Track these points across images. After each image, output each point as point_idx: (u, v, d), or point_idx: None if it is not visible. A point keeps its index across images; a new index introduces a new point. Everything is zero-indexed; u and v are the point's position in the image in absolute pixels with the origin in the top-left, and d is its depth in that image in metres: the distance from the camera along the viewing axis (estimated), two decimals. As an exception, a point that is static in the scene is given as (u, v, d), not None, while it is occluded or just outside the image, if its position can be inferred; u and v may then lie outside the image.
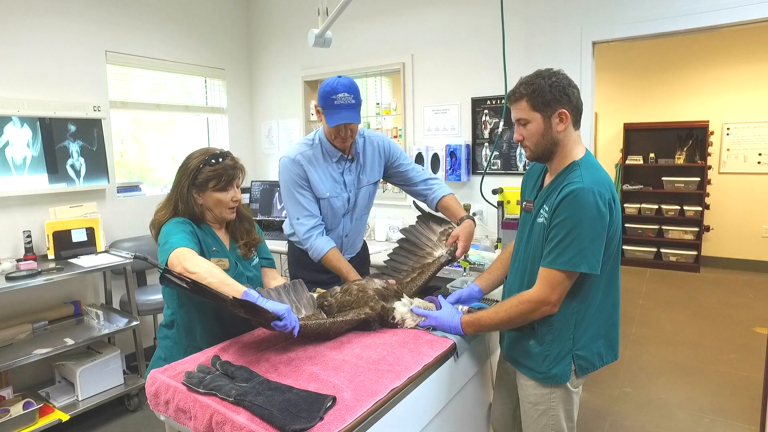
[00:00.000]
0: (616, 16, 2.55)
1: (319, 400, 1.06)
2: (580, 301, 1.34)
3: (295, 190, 1.88)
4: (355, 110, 1.78)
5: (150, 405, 1.24)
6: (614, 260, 1.36)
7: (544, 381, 1.39)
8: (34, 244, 2.75)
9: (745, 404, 2.70)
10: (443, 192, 2.00)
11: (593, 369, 1.39)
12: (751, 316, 4.02)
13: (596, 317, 1.36)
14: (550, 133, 1.34)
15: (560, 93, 1.31)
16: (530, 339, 1.40)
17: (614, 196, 1.30)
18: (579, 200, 1.24)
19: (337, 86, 1.75)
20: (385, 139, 2.04)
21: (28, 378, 2.76)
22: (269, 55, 4.00)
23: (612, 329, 1.41)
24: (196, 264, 1.34)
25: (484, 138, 3.05)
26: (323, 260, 1.87)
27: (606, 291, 1.37)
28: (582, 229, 1.24)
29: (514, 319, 1.36)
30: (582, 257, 1.25)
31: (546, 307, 1.31)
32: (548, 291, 1.30)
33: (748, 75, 5.18)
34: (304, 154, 1.89)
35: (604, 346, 1.39)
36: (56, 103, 2.85)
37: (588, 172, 1.30)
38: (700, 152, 5.45)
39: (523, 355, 1.43)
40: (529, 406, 1.44)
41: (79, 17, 2.99)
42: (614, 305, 1.41)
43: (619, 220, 1.33)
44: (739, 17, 2.25)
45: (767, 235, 5.17)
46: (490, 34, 2.90)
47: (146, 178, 3.65)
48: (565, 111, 1.32)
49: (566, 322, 1.35)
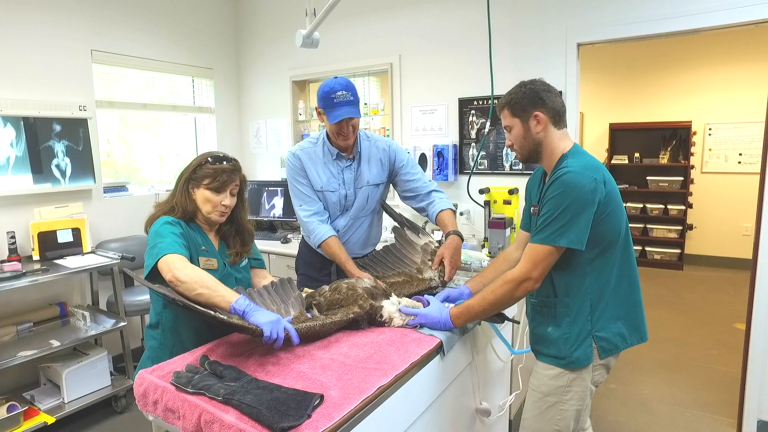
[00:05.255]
0: (600, 18, 2.59)
1: (307, 399, 1.07)
2: (594, 281, 1.38)
3: (295, 181, 1.99)
4: (355, 106, 1.85)
5: (138, 405, 1.24)
6: (624, 241, 1.41)
7: (567, 366, 1.41)
8: (19, 245, 2.72)
9: (724, 398, 2.77)
10: (443, 206, 1.99)
11: (617, 350, 1.43)
12: (732, 312, 4.11)
13: (613, 297, 1.41)
14: (530, 135, 1.45)
15: (534, 98, 1.43)
16: (548, 326, 1.45)
17: (605, 176, 1.36)
18: (565, 181, 1.32)
19: (335, 86, 1.83)
20: (392, 144, 2.07)
21: (13, 381, 2.72)
22: (257, 54, 3.99)
23: (633, 309, 1.45)
24: (186, 273, 1.33)
25: (471, 138, 3.08)
26: (323, 245, 1.92)
27: (620, 270, 1.42)
28: (565, 207, 1.31)
29: (500, 298, 1.39)
30: (561, 232, 1.31)
31: (528, 282, 1.35)
32: (530, 267, 1.35)
33: (729, 77, 5.29)
34: (305, 149, 2.00)
35: (625, 327, 1.44)
36: (41, 102, 2.82)
37: (575, 159, 1.38)
38: (684, 152, 5.56)
39: (545, 344, 1.47)
40: (538, 396, 1.46)
41: (65, 16, 2.96)
42: (632, 284, 1.45)
43: (617, 202, 1.38)
44: (721, 21, 2.30)
45: (748, 233, 5.28)
46: (476, 36, 2.93)
47: (133, 178, 3.62)
48: (539, 113, 1.43)
49: (582, 304, 1.39)
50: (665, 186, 5.60)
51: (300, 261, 2.20)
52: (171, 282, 1.34)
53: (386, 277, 1.83)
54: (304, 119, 3.81)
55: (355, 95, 1.86)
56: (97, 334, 2.70)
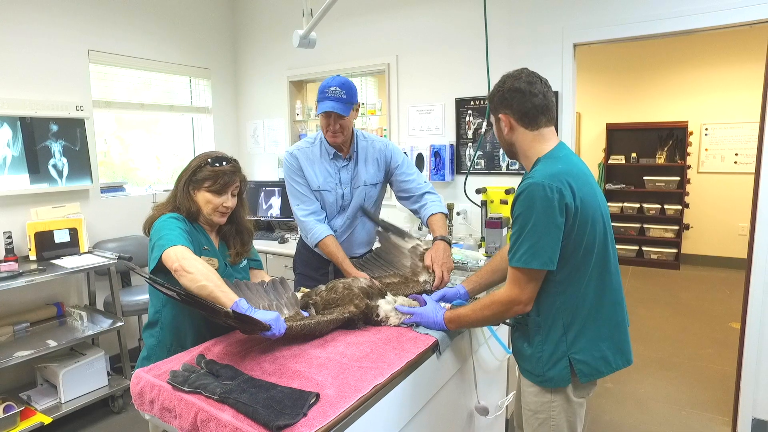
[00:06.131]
0: (596, 19, 2.60)
1: (302, 397, 1.07)
2: (566, 300, 1.29)
3: (293, 180, 2.00)
4: (343, 103, 1.86)
5: (135, 404, 1.24)
6: (602, 255, 1.30)
7: (543, 384, 1.34)
8: (15, 245, 2.72)
9: (719, 397, 2.78)
10: (434, 210, 1.99)
11: (599, 375, 1.31)
12: (728, 311, 4.13)
13: (593, 318, 1.30)
14: (502, 135, 1.41)
15: (501, 98, 1.37)
16: (523, 341, 1.39)
17: (572, 186, 1.24)
18: (529, 195, 1.24)
19: (331, 82, 1.88)
20: (389, 145, 2.09)
21: (9, 381, 2.72)
22: (254, 55, 3.99)
23: (616, 330, 1.33)
24: (193, 265, 1.33)
25: (467, 138, 3.09)
26: (320, 245, 1.93)
27: (600, 288, 1.30)
28: (532, 225, 1.22)
29: (489, 317, 1.36)
30: (533, 253, 1.22)
31: (518, 306, 1.29)
32: (517, 291, 1.28)
33: (725, 77, 5.31)
34: (302, 149, 2.01)
35: (610, 350, 1.31)
36: (38, 102, 2.82)
37: (544, 166, 1.29)
38: (680, 152, 5.58)
39: (520, 357, 1.42)
40: (529, 414, 1.40)
41: (62, 15, 2.95)
42: (615, 304, 1.33)
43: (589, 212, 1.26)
44: (716, 22, 2.31)
45: (743, 233, 5.30)
46: (473, 36, 2.94)
47: (130, 178, 3.62)
48: (502, 116, 1.37)
49: (553, 323, 1.30)
50: (662, 186, 5.62)
51: (298, 260, 2.21)
52: (176, 271, 1.33)
53: (382, 277, 1.83)
54: (301, 119, 3.81)
55: (349, 95, 1.87)
56: (94, 334, 2.70)
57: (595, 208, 1.29)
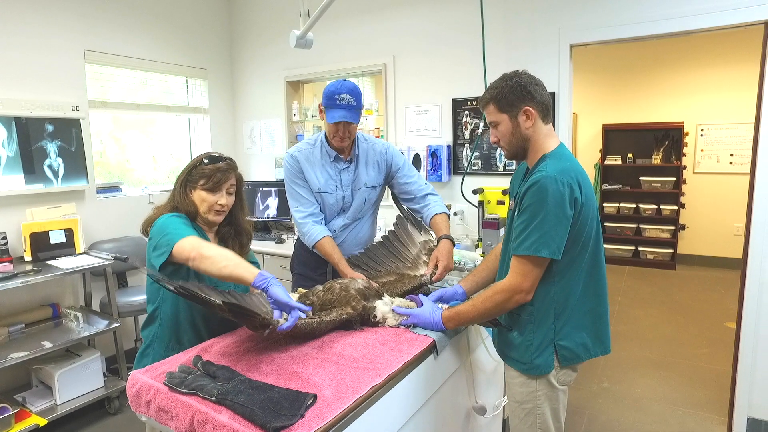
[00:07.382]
0: (592, 19, 2.61)
1: (300, 398, 1.07)
2: (560, 291, 1.35)
3: (292, 182, 2.00)
4: (355, 111, 1.87)
5: (131, 406, 1.24)
6: (594, 250, 1.38)
7: (529, 372, 1.39)
8: (10, 245, 2.70)
9: (715, 396, 2.79)
10: (437, 210, 2.01)
11: (578, 360, 1.40)
12: (723, 311, 4.15)
13: (579, 307, 1.38)
14: (519, 131, 1.40)
15: (522, 92, 1.37)
16: (513, 330, 1.43)
17: (580, 182, 1.32)
18: (541, 188, 1.28)
19: (341, 88, 1.86)
20: (389, 147, 2.09)
21: (4, 383, 2.70)
22: (251, 55, 3.99)
23: (599, 320, 1.41)
24: (210, 248, 1.37)
25: (464, 138, 3.09)
26: (317, 246, 1.93)
27: (588, 280, 1.38)
28: (544, 215, 1.27)
29: (490, 309, 1.38)
30: (543, 242, 1.28)
31: (519, 295, 1.33)
32: (520, 279, 1.32)
33: (720, 78, 5.34)
34: (302, 151, 2.01)
35: (590, 338, 1.40)
36: (33, 102, 2.81)
37: (553, 162, 1.34)
38: (676, 153, 5.60)
39: (509, 347, 1.46)
40: (515, 405, 1.45)
41: (57, 15, 2.94)
42: (599, 295, 1.41)
43: (591, 208, 1.34)
44: (712, 23, 2.33)
45: (739, 233, 5.32)
46: (470, 37, 2.94)
47: (126, 178, 3.60)
48: (529, 108, 1.37)
49: (546, 312, 1.36)
50: (658, 186, 5.64)
51: (296, 260, 2.21)
52: (195, 259, 1.35)
53: (378, 276, 1.83)
54: (298, 120, 3.81)
55: (359, 102, 1.88)
56: (90, 335, 2.69)
57: (594, 205, 1.37)
